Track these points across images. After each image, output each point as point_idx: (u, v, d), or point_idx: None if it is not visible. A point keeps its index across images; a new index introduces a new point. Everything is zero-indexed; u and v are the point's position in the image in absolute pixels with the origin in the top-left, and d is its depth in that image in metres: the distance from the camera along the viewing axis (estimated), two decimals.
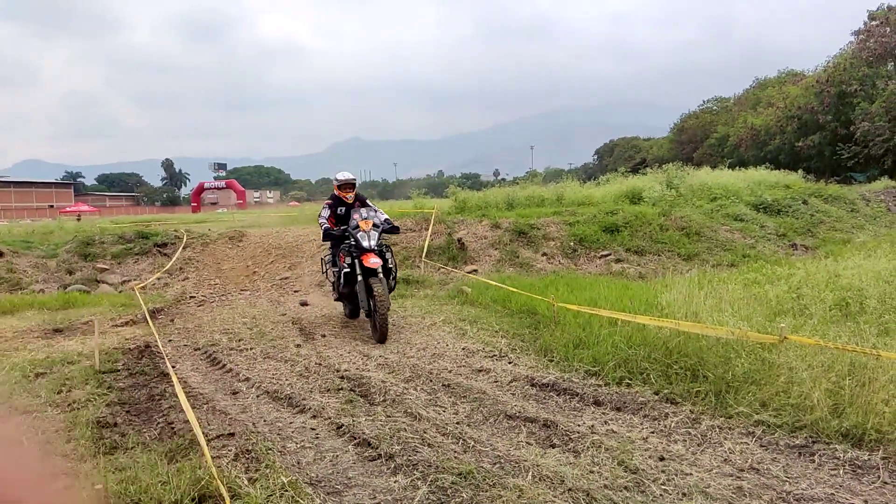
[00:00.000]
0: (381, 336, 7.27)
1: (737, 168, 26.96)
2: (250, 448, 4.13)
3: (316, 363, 6.51)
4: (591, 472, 3.74)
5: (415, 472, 3.78)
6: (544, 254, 13.29)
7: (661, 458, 3.90)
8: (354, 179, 8.64)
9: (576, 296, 8.15)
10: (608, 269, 12.48)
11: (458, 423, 4.72)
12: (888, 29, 39.80)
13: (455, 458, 3.99)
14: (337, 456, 4.13)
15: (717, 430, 4.31)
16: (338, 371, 6.16)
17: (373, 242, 7.71)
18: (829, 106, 41.77)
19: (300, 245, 14.36)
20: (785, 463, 3.82)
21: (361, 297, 7.65)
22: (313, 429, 4.65)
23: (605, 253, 13.24)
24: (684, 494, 3.44)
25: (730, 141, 53.32)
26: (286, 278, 12.50)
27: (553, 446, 4.21)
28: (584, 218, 14.70)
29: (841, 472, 3.68)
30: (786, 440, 4.09)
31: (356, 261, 7.68)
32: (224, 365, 6.59)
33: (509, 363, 6.23)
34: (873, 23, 41.18)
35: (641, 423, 4.54)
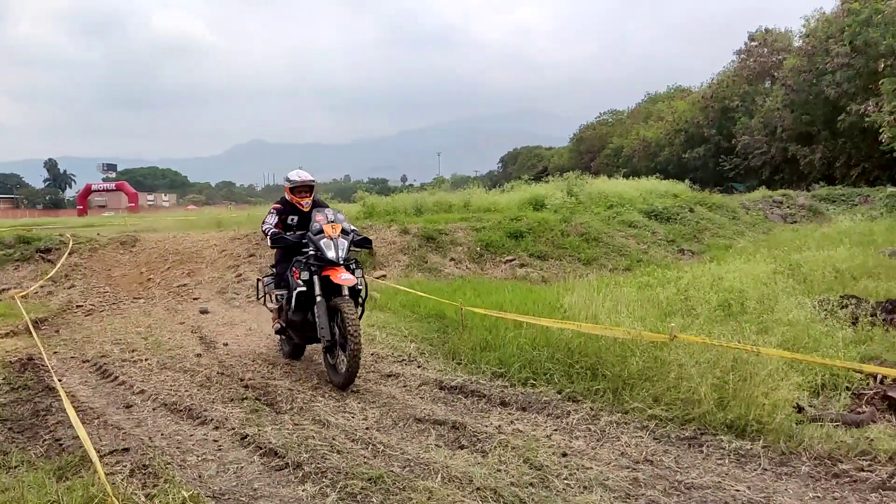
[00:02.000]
0: (348, 377, 5.48)
1: (631, 177, 28.43)
2: (147, 463, 3.93)
3: (218, 373, 6.28)
4: (499, 470, 3.83)
5: (324, 480, 3.73)
6: (452, 259, 13.46)
7: (564, 454, 4.06)
8: (313, 181, 6.69)
9: (482, 300, 8.31)
10: (513, 273, 12.81)
11: (367, 428, 4.70)
12: (766, 49, 43.28)
13: (365, 463, 3.97)
14: (241, 467, 4.01)
15: (615, 425, 4.54)
16: (242, 380, 5.98)
17: (342, 253, 5.81)
18: (713, 120, 44.84)
19: (200, 251, 13.79)
20: (676, 454, 4.07)
21: (322, 322, 5.70)
22: (216, 440, 4.49)
23: (510, 258, 13.58)
24: (585, 487, 3.60)
25: (624, 151, 56.08)
26: (184, 285, 11.96)
27: (462, 447, 4.28)
28: (490, 224, 15.01)
29: (727, 461, 3.96)
30: (677, 433, 4.36)
31: (315, 277, 5.83)
32: (116, 377, 6.24)
33: (418, 367, 6.27)
34: (753, 43, 44.66)
35: (545, 422, 4.70)
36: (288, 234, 6.36)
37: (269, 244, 6.42)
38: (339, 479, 3.72)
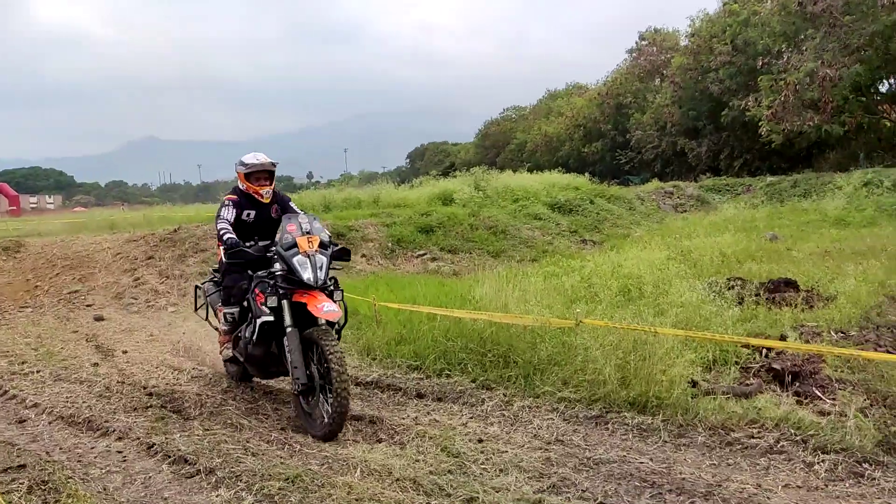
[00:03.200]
0: (332, 428, 4.35)
1: (534, 171, 29.29)
2: (46, 479, 3.69)
3: (118, 382, 5.97)
4: (417, 461, 3.89)
5: (238, 484, 3.65)
6: (364, 255, 13.39)
7: (480, 441, 4.17)
8: (273, 165, 5.49)
9: (396, 294, 8.33)
10: (425, 267, 12.91)
11: (282, 428, 4.65)
12: (655, 48, 45.60)
13: (281, 463, 3.92)
14: (149, 477, 3.85)
15: (527, 409, 4.71)
16: (145, 388, 5.71)
17: (321, 274, 4.66)
18: (608, 116, 46.82)
19: (92, 255, 12.97)
20: (584, 433, 4.28)
21: (294, 360, 4.53)
22: (120, 451, 4.28)
23: (421, 252, 13.68)
24: (501, 470, 3.72)
25: (527, 147, 57.51)
26: (76, 292, 11.23)
27: (380, 441, 4.31)
28: (400, 219, 15.05)
29: (630, 436, 4.21)
30: (584, 412, 4.57)
31: (285, 303, 4.67)
32: (6, 391, 5.80)
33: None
34: (643, 42, 46.95)
35: (461, 411, 4.80)
36: (249, 244, 5.17)
37: (222, 254, 5.09)
38: (254, 481, 3.65)
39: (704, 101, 35.20)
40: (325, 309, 4.45)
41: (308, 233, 4.80)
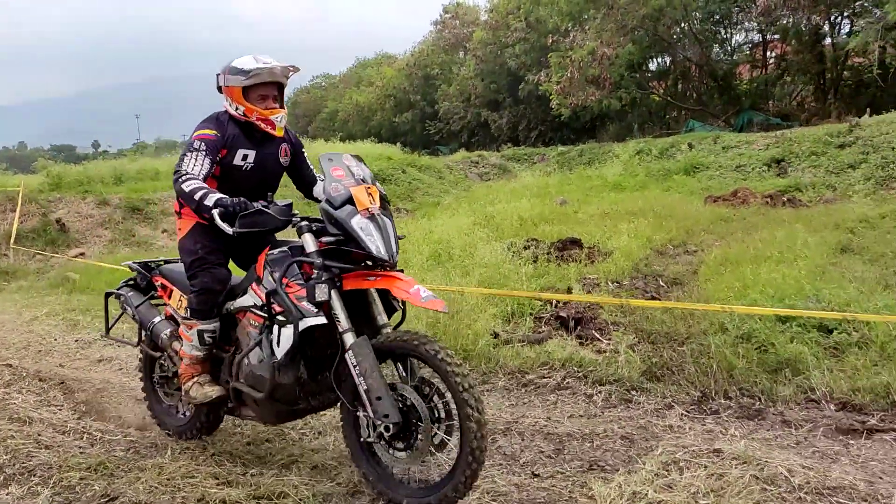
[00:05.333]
0: (458, 495, 2.74)
1: (347, 141, 29.15)
2: None
3: None
4: (234, 434, 3.90)
5: (32, 479, 3.37)
6: (165, 230, 12.53)
7: None
8: (286, 75, 3.44)
9: None
10: None
11: (79, 418, 4.33)
12: (458, 22, 47.13)
13: (81, 453, 3.67)
14: None
15: None
16: None
17: (395, 246, 2.98)
18: (417, 87, 47.70)
19: None
20: None
21: (374, 385, 2.78)
22: None
23: None
24: (320, 433, 3.89)
25: (339, 116, 56.82)
26: None
27: None
28: None
29: None
30: None
31: (335, 293, 2.89)
32: None
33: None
34: (447, 15, 48.25)
35: None
36: (259, 203, 3.09)
37: (217, 222, 2.98)
38: (50, 474, 3.39)
39: (504, 75, 37.21)
40: (423, 295, 2.80)
41: (363, 181, 3.05)
